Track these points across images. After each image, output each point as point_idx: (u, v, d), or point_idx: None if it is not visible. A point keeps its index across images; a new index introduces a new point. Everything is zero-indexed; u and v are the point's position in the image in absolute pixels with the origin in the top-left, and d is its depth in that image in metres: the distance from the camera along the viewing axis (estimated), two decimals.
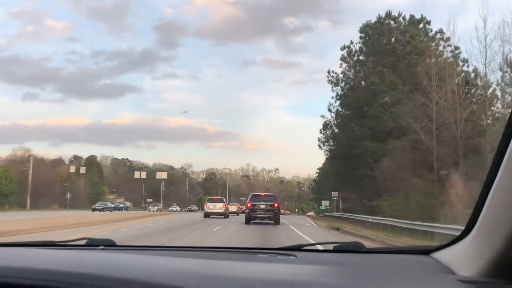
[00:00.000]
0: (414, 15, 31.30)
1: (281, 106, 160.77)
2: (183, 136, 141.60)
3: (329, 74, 34.43)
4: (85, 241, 1.86)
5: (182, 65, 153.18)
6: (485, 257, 1.11)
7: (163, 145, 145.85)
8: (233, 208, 40.70)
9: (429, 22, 31.53)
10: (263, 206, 20.27)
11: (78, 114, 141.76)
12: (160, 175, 70.04)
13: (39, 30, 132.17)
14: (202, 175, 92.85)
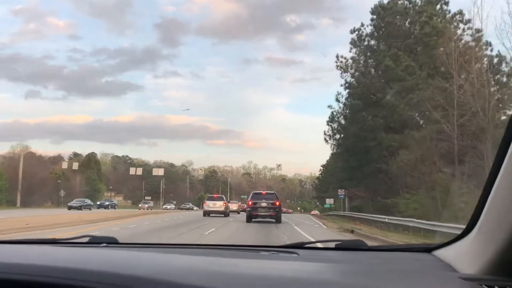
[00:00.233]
0: None
1: (283, 104, 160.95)
2: (185, 134, 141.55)
3: (337, 59, 31.25)
4: (87, 239, 1.88)
5: (183, 63, 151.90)
6: (487, 254, 1.11)
7: (165, 143, 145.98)
8: (234, 206, 39.21)
9: (447, 2, 28.66)
10: (264, 204, 19.90)
11: (80, 112, 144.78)
12: (156, 172, 66.64)
13: (41, 28, 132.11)
14: (201, 171, 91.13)
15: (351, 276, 1.10)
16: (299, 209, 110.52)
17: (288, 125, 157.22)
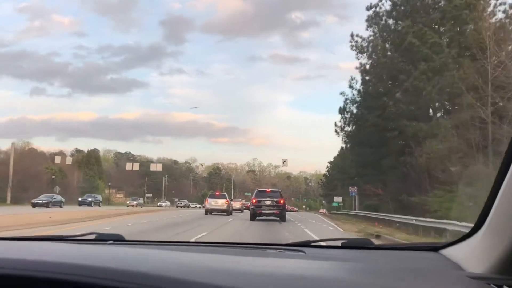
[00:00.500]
0: None
1: (287, 101, 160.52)
2: (190, 131, 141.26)
3: (352, 38, 27.65)
4: (94, 236, 1.86)
5: (188, 61, 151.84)
6: (495, 253, 1.11)
7: (170, 141, 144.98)
8: (237, 204, 37.49)
9: None
10: (268, 202, 19.63)
11: (85, 109, 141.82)
12: (154, 167, 63.19)
13: (46, 25, 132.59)
14: (201, 166, 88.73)
15: (358, 274, 1.10)
16: (304, 207, 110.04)
17: (293, 123, 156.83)
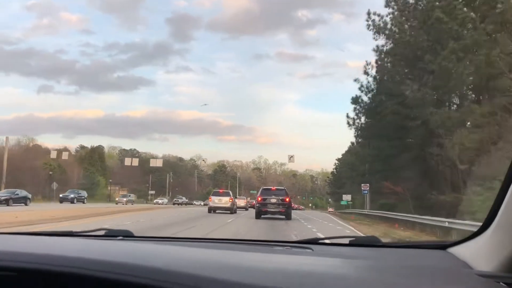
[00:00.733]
0: None
1: (294, 100, 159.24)
2: (196, 129, 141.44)
3: (369, 17, 24.20)
4: (103, 232, 1.87)
5: (195, 59, 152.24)
6: (504, 252, 1.11)
7: (176, 139, 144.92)
8: (241, 202, 36.71)
9: None
10: (274, 200, 19.56)
11: (92, 106, 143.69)
12: (154, 163, 60.45)
13: (54, 22, 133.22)
14: (203, 162, 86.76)
15: (366, 271, 1.10)
16: (310, 205, 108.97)
17: (299, 121, 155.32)
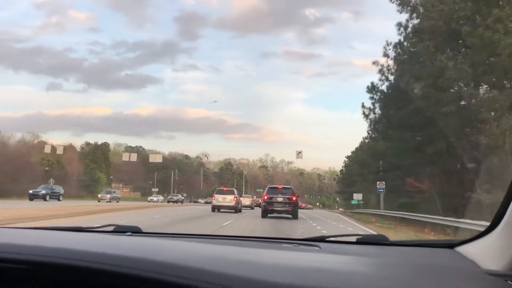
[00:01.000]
0: None
1: (301, 98, 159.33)
2: (203, 127, 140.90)
3: None
4: (112, 228, 1.90)
5: (202, 57, 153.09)
6: None
7: (183, 137, 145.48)
8: (246, 201, 35.44)
9: None
10: (280, 199, 19.46)
11: (100, 104, 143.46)
12: (153, 158, 58.05)
13: (62, 21, 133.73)
14: (206, 158, 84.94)
15: (373, 268, 1.11)
16: (318, 204, 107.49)
17: (306, 119, 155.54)
